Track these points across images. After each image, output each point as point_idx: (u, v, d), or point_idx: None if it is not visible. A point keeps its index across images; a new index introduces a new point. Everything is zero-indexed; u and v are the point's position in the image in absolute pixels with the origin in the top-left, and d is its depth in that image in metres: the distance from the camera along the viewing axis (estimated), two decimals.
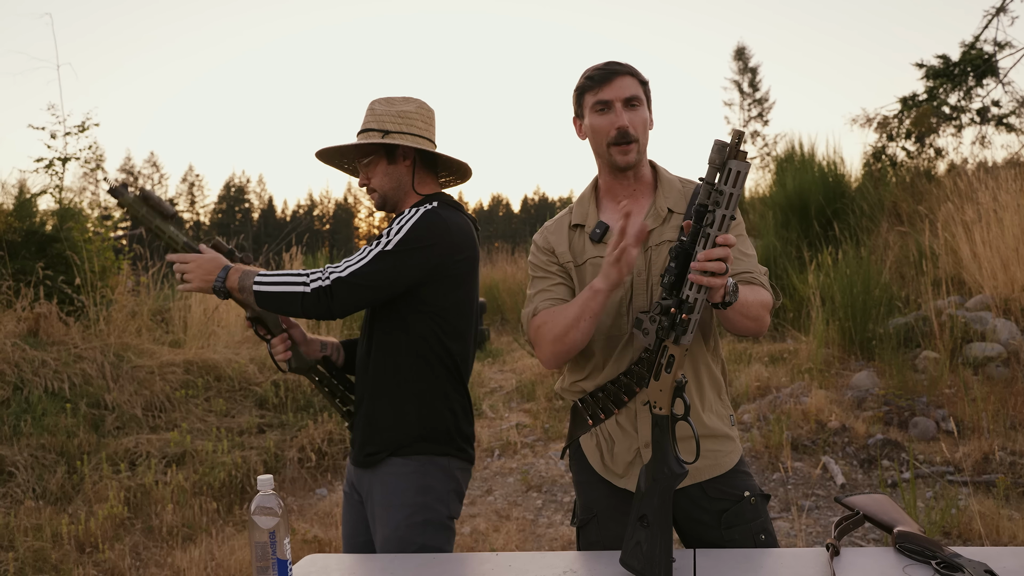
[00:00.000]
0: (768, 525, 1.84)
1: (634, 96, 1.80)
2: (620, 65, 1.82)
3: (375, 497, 1.98)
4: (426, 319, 1.96)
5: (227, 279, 1.91)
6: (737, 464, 1.87)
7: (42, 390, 5.35)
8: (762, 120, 38.74)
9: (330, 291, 1.86)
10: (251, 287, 1.88)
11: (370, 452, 1.99)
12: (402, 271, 1.90)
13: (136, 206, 1.99)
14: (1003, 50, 10.71)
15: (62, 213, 7.08)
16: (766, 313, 1.77)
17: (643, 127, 1.83)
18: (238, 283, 1.90)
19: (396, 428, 1.97)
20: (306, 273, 1.89)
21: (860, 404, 5.61)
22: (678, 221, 1.82)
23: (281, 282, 1.88)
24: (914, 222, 8.87)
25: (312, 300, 1.86)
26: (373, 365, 2.00)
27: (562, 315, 1.76)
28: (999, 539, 3.54)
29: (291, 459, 5.28)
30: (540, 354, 1.83)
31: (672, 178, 1.90)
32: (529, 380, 7.66)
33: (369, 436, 2.00)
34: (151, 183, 61.49)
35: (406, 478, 1.95)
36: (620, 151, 1.80)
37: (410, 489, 1.95)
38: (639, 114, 1.81)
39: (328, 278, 1.87)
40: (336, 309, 1.87)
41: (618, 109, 1.79)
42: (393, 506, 1.94)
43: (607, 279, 1.65)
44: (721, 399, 1.89)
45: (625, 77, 1.80)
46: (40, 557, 3.83)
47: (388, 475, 1.96)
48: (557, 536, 4.09)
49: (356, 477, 2.06)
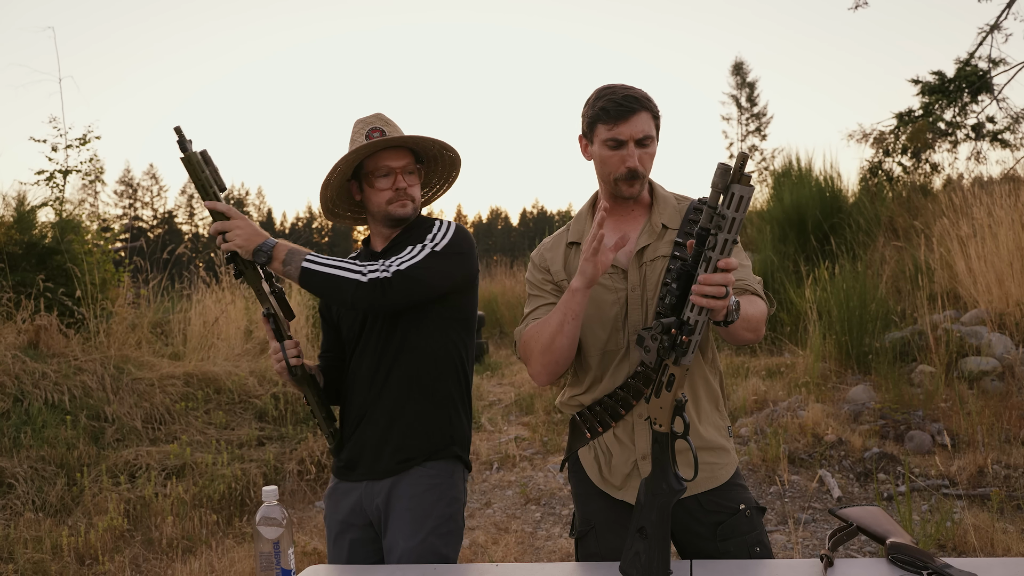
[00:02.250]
0: (763, 537, 1.86)
1: (647, 136, 1.80)
2: (637, 101, 1.78)
3: (401, 503, 1.97)
4: (457, 326, 2.05)
5: (275, 247, 1.86)
6: (733, 477, 1.89)
7: (42, 402, 5.36)
8: (760, 135, 38.94)
9: (390, 283, 1.85)
10: (299, 263, 1.85)
11: (404, 458, 1.99)
12: (450, 273, 1.96)
13: (199, 167, 1.88)
14: (997, 67, 10.81)
15: (63, 225, 7.11)
16: (762, 323, 1.80)
17: (650, 162, 1.85)
18: (285, 255, 1.85)
19: (432, 432, 2.01)
20: (362, 263, 1.89)
21: (856, 418, 5.64)
22: (672, 237, 1.85)
23: (336, 265, 1.87)
24: (910, 237, 8.93)
25: (367, 290, 1.85)
26: (401, 370, 2.01)
27: (546, 325, 1.79)
28: (993, 552, 3.56)
29: (291, 472, 5.29)
30: (531, 369, 1.85)
31: (667, 195, 1.94)
32: (528, 393, 7.68)
33: (402, 442, 1.99)
34: (150, 195, 61.53)
35: (436, 489, 1.98)
36: (627, 185, 1.83)
37: (442, 500, 1.98)
38: (649, 151, 1.82)
39: (388, 270, 1.87)
40: (393, 301, 1.87)
41: (631, 149, 1.79)
42: (425, 515, 1.95)
43: (583, 276, 1.68)
44: (719, 411, 1.92)
45: (641, 114, 1.78)
46: (40, 569, 3.84)
47: (419, 482, 1.98)
48: (556, 549, 4.11)
49: (367, 492, 2.02)
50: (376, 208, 2.07)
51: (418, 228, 2.05)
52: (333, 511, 2.09)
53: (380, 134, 2.03)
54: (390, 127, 2.07)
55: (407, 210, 2.05)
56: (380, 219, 2.08)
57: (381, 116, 2.10)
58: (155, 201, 61.79)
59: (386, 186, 2.04)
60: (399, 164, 2.04)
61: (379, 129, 2.04)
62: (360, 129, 2.07)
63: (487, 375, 9.47)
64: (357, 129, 2.08)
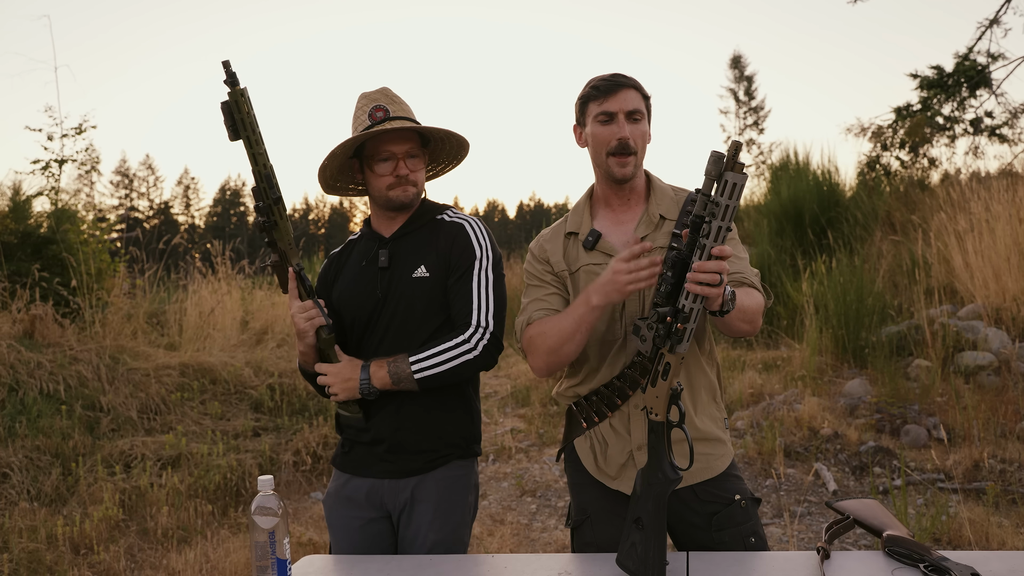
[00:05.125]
0: (758, 528, 1.86)
1: (637, 110, 1.84)
2: (625, 78, 1.85)
3: (430, 499, 1.95)
4: None
5: (372, 378, 1.89)
6: (728, 468, 1.89)
7: (37, 392, 5.35)
8: (757, 128, 38.85)
9: (495, 339, 1.91)
10: (411, 377, 1.87)
11: (435, 457, 1.97)
12: (505, 286, 2.01)
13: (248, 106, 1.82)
14: (996, 61, 10.81)
15: (58, 215, 7.08)
16: (759, 315, 1.80)
17: (642, 140, 1.87)
18: (390, 378, 1.88)
19: (462, 429, 2.01)
20: (459, 337, 1.89)
21: (852, 411, 5.64)
22: (670, 228, 1.86)
23: (444, 359, 1.87)
24: (907, 231, 8.94)
25: (484, 359, 1.89)
26: None
27: (557, 327, 1.79)
28: (988, 546, 3.57)
29: (286, 462, 5.28)
30: (533, 363, 1.86)
31: (665, 186, 1.94)
32: (524, 385, 7.68)
33: (434, 439, 1.97)
34: (146, 185, 61.35)
35: (463, 479, 1.99)
36: (618, 162, 1.83)
37: (467, 489, 2.00)
38: (639, 127, 1.85)
39: (487, 331, 1.90)
40: (499, 348, 1.92)
41: (621, 120, 1.82)
42: (457, 506, 1.97)
43: (607, 298, 1.68)
44: (716, 402, 1.92)
45: (630, 90, 1.83)
46: (35, 559, 3.83)
47: (450, 476, 1.97)
48: (551, 540, 4.11)
49: (390, 490, 1.98)
50: (377, 192, 2.01)
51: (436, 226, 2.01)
52: (348, 505, 2.02)
53: (384, 113, 1.96)
54: (395, 105, 1.99)
55: (408, 196, 1.99)
56: (381, 203, 2.02)
57: (386, 92, 2.02)
58: (151, 191, 61.64)
59: (386, 171, 1.97)
60: (401, 149, 1.97)
61: (383, 108, 1.97)
62: (364, 106, 1.99)
63: None
64: (360, 105, 2.00)
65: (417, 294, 1.95)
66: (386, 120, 1.95)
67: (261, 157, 1.84)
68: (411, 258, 1.99)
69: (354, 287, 2.02)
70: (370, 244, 2.06)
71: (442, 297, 1.96)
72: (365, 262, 2.03)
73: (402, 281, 1.97)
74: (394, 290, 1.97)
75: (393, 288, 1.97)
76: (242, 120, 1.81)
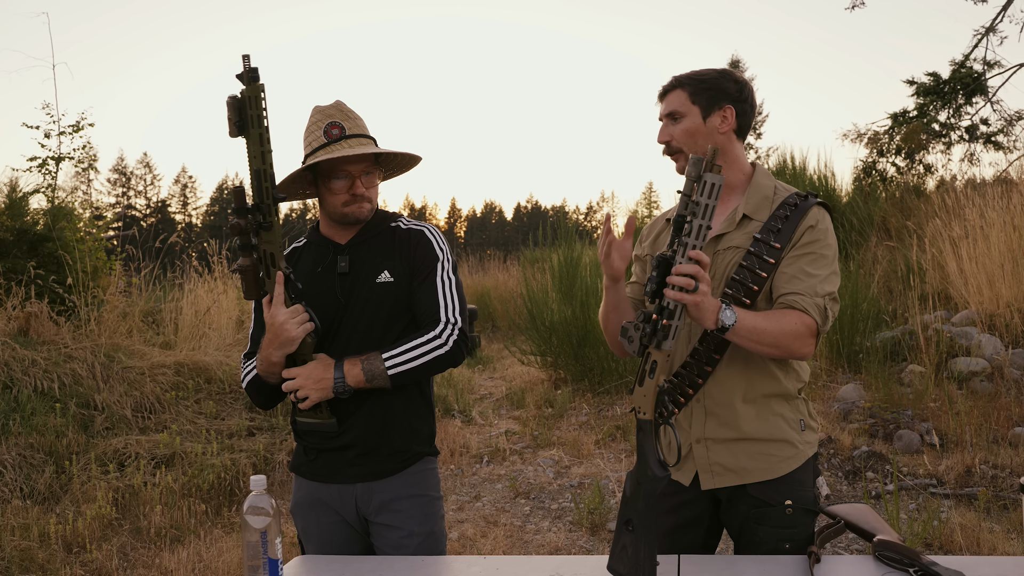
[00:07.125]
0: (799, 539, 1.78)
1: (675, 111, 1.88)
2: (674, 80, 1.91)
3: (412, 495, 1.98)
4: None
5: (346, 376, 1.88)
6: (795, 471, 1.82)
7: (31, 389, 5.34)
8: (755, 133, 38.91)
9: (463, 334, 1.94)
10: (385, 373, 1.88)
11: (409, 456, 1.99)
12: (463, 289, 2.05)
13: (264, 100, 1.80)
14: (992, 69, 10.87)
15: (54, 212, 7.07)
16: (794, 339, 1.71)
17: (685, 137, 1.86)
18: (364, 375, 1.87)
19: (429, 426, 2.06)
20: (430, 333, 1.90)
21: (846, 416, 5.66)
22: (754, 228, 1.82)
23: (416, 355, 1.89)
24: (903, 237, 8.96)
25: (454, 354, 1.92)
26: None
27: (603, 307, 1.92)
28: (979, 551, 3.58)
29: (280, 462, 5.28)
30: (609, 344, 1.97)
31: (764, 183, 1.90)
32: (519, 387, 7.68)
33: (409, 438, 2.00)
34: (144, 184, 61.25)
35: (434, 473, 2.06)
36: (672, 159, 1.92)
37: (438, 482, 2.07)
38: (681, 126, 1.87)
39: (456, 326, 1.93)
40: (467, 343, 1.95)
41: (663, 125, 1.91)
42: (435, 500, 2.02)
43: (606, 274, 1.82)
44: (790, 404, 1.86)
45: (672, 93, 1.89)
46: (27, 557, 3.82)
47: (424, 471, 2.02)
48: (545, 543, 4.12)
49: (363, 493, 1.97)
50: (331, 208, 1.98)
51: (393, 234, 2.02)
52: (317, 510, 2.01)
53: (340, 131, 1.94)
54: (350, 121, 1.97)
55: (363, 212, 1.98)
56: (335, 218, 2.00)
57: (341, 107, 2.00)
58: (148, 190, 61.54)
59: (342, 190, 1.95)
60: (358, 168, 1.95)
61: (338, 125, 1.94)
62: (318, 121, 1.97)
63: (479, 369, 9.47)
64: (315, 120, 1.97)
65: (383, 298, 1.96)
66: (343, 139, 1.94)
67: (269, 156, 1.83)
68: (372, 264, 1.98)
69: (312, 294, 1.98)
70: (322, 250, 2.03)
71: (405, 301, 1.97)
72: (321, 268, 2.01)
73: (365, 286, 1.97)
74: (357, 295, 1.96)
75: (356, 293, 1.97)
76: (256, 117, 1.80)
